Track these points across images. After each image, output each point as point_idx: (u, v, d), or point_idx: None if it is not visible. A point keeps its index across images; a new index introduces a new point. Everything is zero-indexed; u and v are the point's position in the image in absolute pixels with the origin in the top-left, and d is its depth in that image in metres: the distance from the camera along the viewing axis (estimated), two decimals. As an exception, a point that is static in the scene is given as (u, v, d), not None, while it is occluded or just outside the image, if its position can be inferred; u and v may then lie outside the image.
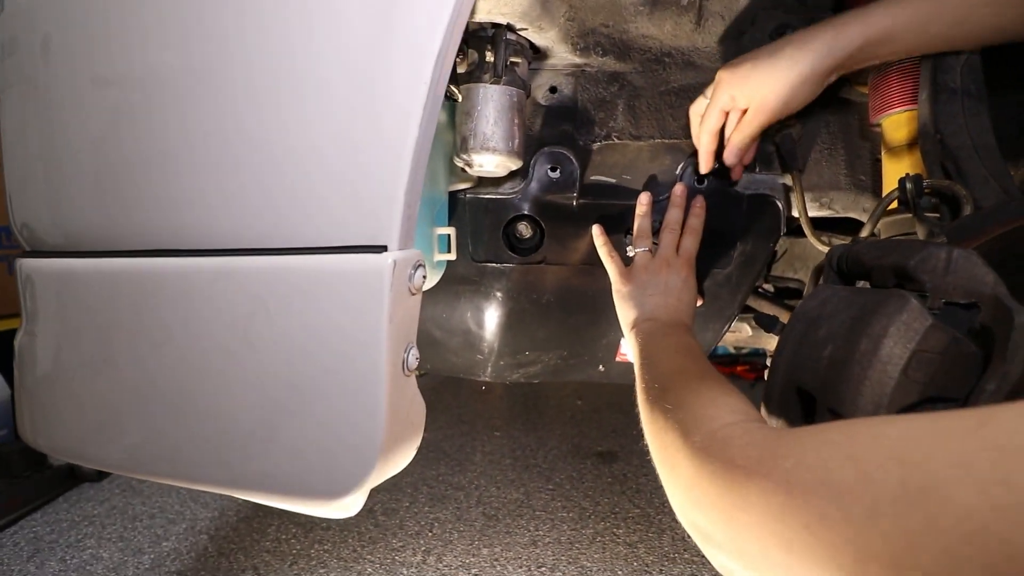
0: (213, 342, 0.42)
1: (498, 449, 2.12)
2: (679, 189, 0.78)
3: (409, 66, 0.37)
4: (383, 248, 0.38)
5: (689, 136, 0.78)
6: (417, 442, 0.44)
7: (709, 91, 0.71)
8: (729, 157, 0.73)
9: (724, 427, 0.40)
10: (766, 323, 0.67)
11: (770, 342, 1.41)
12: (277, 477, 0.41)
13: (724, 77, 0.67)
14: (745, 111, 0.68)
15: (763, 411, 0.53)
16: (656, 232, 0.78)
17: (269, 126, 0.41)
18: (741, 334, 1.39)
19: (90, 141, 0.50)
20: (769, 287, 1.28)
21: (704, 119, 0.72)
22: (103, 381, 0.47)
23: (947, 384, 0.40)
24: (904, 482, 0.24)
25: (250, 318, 0.40)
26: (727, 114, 0.70)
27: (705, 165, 0.75)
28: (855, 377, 0.41)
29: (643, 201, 0.78)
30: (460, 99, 0.68)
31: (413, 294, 0.40)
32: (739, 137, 0.70)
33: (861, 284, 0.52)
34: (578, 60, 0.78)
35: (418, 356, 0.41)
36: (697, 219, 0.77)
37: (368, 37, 0.38)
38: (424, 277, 0.41)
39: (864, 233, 0.64)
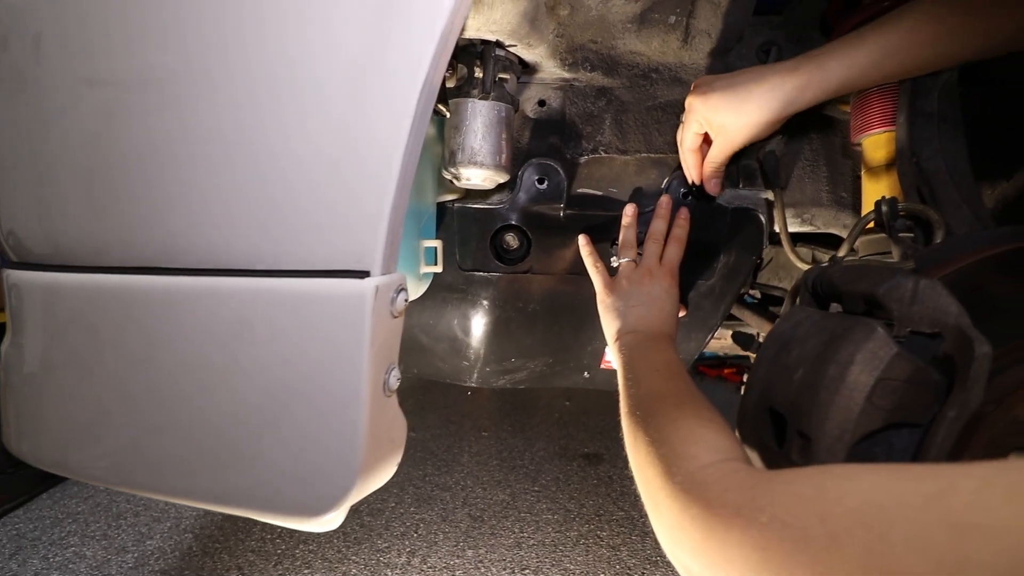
0: (198, 361, 0.43)
1: (485, 450, 2.14)
2: (664, 200, 0.79)
3: (394, 99, 0.37)
4: (366, 273, 0.39)
5: (675, 151, 0.80)
6: (398, 459, 0.45)
7: (684, 115, 0.74)
8: (707, 184, 0.78)
9: (703, 468, 0.41)
10: (743, 342, 0.68)
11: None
12: (258, 493, 0.42)
13: (695, 105, 0.70)
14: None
15: (738, 431, 0.54)
16: (641, 243, 0.79)
17: (256, 151, 0.42)
18: (726, 341, 1.41)
19: (80, 147, 0.50)
20: (756, 294, 1.30)
21: (682, 141, 0.75)
22: (88, 395, 0.47)
23: (911, 410, 0.42)
24: (870, 551, 0.26)
25: (235, 338, 0.41)
26: (703, 133, 0.74)
27: (691, 178, 0.78)
28: (823, 402, 0.43)
29: (628, 212, 0.80)
30: (448, 114, 0.69)
31: (395, 317, 0.41)
32: (709, 165, 0.75)
33: (834, 307, 0.53)
34: (567, 75, 0.79)
35: (399, 377, 0.42)
36: (681, 229, 0.78)
37: (354, 71, 0.39)
38: (406, 300, 0.42)
39: (841, 252, 0.65)
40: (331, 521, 0.42)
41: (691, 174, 0.78)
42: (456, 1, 0.36)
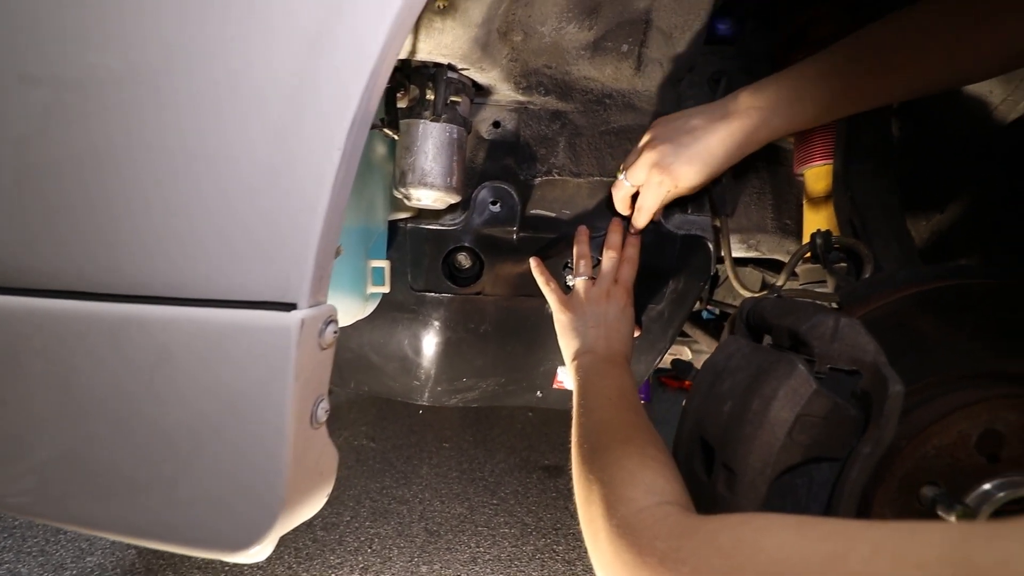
0: (117, 389, 0.41)
1: (445, 461, 2.12)
2: (616, 220, 0.80)
3: (323, 132, 0.37)
4: (293, 306, 0.38)
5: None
6: (327, 490, 0.45)
7: (631, 174, 0.74)
8: (642, 222, 0.79)
9: (638, 512, 0.43)
10: (682, 369, 0.70)
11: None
12: (178, 527, 0.41)
13: (655, 171, 0.71)
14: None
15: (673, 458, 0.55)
16: (595, 264, 0.80)
17: (182, 176, 0.41)
18: (683, 356, 1.44)
19: (4, 154, 0.48)
20: (715, 309, 1.33)
21: (646, 208, 0.76)
22: (1, 421, 0.46)
23: (829, 445, 0.43)
24: None
25: (155, 368, 0.40)
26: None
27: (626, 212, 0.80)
28: (747, 437, 0.44)
29: (582, 231, 0.81)
30: (399, 136, 0.69)
31: (323, 349, 0.41)
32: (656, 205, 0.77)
33: (767, 339, 0.55)
34: (521, 98, 0.80)
35: (328, 409, 0.42)
36: (633, 248, 0.79)
37: (284, 103, 0.38)
38: (335, 332, 0.41)
39: (779, 282, 0.67)
40: (257, 554, 0.42)
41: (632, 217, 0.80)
42: (385, 42, 0.36)
